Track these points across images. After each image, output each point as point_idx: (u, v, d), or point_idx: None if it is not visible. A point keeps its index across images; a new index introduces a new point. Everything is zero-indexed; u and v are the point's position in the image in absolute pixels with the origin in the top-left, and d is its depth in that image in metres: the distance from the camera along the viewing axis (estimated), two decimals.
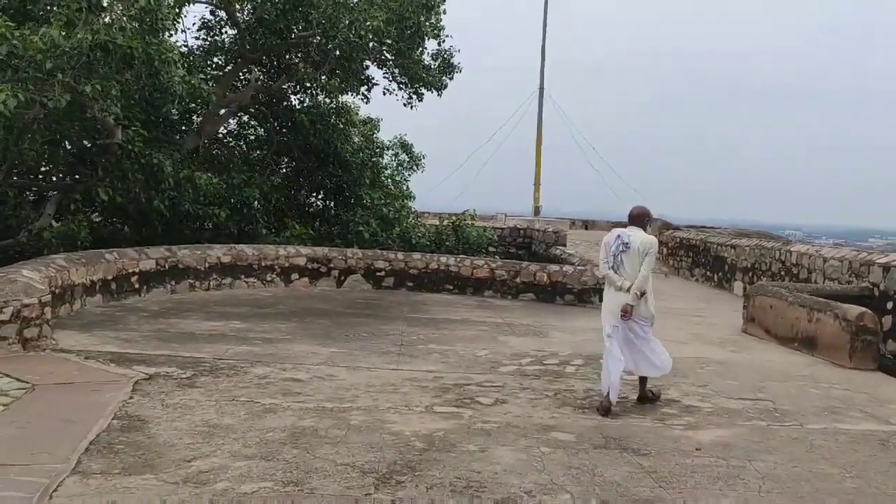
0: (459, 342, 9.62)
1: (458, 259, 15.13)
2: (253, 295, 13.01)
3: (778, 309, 10.85)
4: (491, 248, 21.68)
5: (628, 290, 6.34)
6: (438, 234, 17.78)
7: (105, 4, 10.09)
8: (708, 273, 20.21)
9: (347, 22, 13.55)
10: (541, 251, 23.72)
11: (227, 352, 8.17)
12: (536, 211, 36.56)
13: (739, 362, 9.20)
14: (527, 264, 14.94)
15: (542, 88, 36.52)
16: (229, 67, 16.99)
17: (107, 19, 9.66)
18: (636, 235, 6.46)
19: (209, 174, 14.08)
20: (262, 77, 17.50)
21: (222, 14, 16.51)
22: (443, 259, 15.13)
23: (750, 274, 17.35)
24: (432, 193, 35.78)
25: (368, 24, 13.55)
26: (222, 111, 17.39)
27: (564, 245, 23.18)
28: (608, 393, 6.32)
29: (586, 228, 42.18)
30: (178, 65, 10.81)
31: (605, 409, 6.29)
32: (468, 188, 42.01)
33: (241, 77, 17.87)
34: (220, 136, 19.86)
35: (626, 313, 6.35)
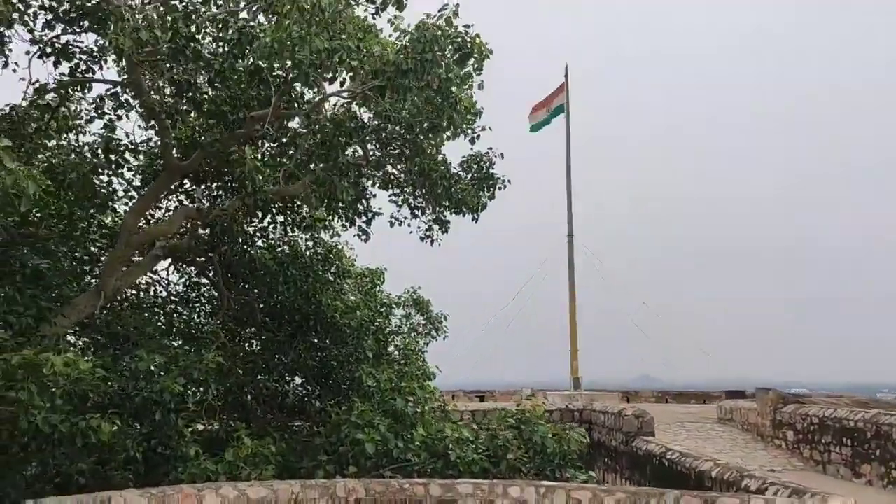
0: None
1: (543, 491, 8.24)
2: None
3: None
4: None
5: None
6: (492, 440, 10.50)
7: None
8: None
9: (325, 46, 7.46)
10: (616, 445, 16.68)
11: None
12: (576, 383, 29.53)
13: None
14: (675, 496, 8.02)
15: (570, 236, 30.77)
16: (147, 186, 10.72)
17: None
18: None
19: (69, 355, 7.47)
20: (203, 201, 11.28)
21: (127, 97, 10.13)
22: (513, 491, 8.27)
23: None
24: (449, 365, 28.78)
25: (366, 49, 7.48)
26: (140, 256, 11.12)
27: (653, 434, 16.15)
28: None
29: (628, 401, 35.24)
30: None
31: None
32: (487, 358, 35.01)
33: (176, 201, 11.64)
34: (157, 296, 13.56)
35: None
